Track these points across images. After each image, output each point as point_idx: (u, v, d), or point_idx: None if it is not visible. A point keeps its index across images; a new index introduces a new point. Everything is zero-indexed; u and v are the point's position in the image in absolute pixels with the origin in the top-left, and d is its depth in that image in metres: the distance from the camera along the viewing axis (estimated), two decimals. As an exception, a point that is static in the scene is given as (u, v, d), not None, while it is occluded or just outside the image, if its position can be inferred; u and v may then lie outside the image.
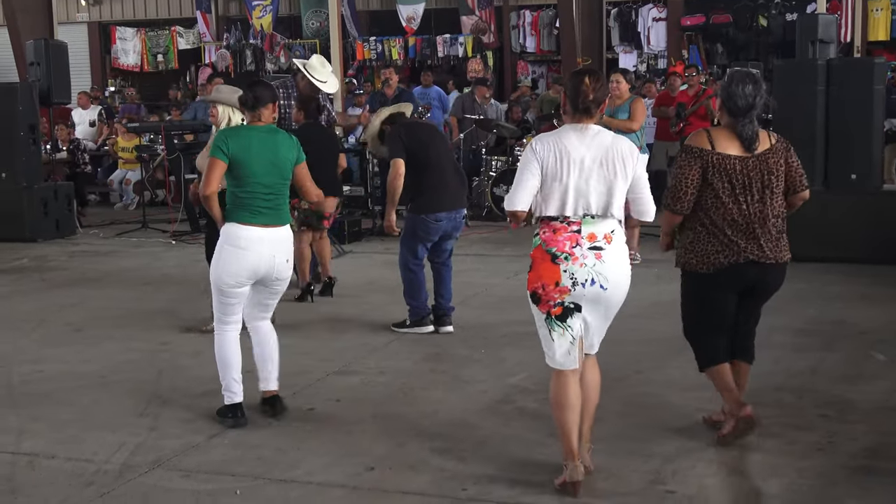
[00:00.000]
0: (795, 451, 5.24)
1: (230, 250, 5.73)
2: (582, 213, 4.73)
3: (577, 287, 4.70)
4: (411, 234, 7.85)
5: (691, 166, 5.12)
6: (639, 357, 6.94)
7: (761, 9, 20.58)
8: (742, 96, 5.14)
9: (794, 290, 8.93)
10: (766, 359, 6.90)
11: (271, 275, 5.81)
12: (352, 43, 22.05)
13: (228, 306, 5.86)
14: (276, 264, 5.78)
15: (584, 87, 4.76)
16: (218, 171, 5.71)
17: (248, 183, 5.72)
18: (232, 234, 5.74)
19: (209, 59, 23.65)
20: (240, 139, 5.77)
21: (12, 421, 6.01)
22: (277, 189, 5.82)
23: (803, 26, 11.37)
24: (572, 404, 4.81)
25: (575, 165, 4.71)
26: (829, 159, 10.56)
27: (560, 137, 4.79)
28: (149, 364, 7.15)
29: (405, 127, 7.97)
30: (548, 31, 21.89)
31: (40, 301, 9.48)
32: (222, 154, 5.69)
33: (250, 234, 5.71)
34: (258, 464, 5.25)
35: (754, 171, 5.14)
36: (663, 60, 21.09)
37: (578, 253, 4.70)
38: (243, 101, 5.99)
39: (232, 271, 5.73)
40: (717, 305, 5.29)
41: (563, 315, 4.77)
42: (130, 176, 16.82)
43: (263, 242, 5.72)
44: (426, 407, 6.10)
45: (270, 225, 5.76)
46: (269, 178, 5.77)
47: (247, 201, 5.73)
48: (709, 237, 5.18)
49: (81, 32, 24.45)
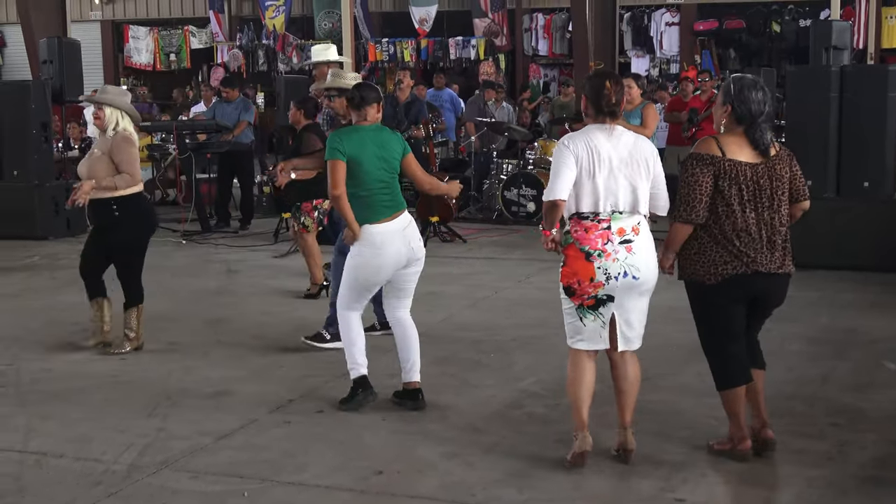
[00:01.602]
0: (806, 460, 5.21)
1: (372, 252, 5.97)
2: (611, 210, 4.97)
3: (611, 281, 4.98)
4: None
5: (704, 174, 5.03)
6: (651, 363, 6.87)
7: (775, 14, 20.57)
8: (756, 102, 5.08)
9: (806, 299, 8.93)
10: (778, 367, 6.87)
11: (413, 256, 6.09)
12: (364, 44, 22.07)
13: (362, 296, 6.17)
14: (413, 248, 6.06)
15: (607, 90, 5.00)
16: (341, 171, 5.92)
17: (364, 181, 5.94)
18: (368, 237, 5.96)
19: (221, 58, 23.70)
20: (352, 139, 5.99)
21: (21, 420, 6.01)
22: (390, 183, 6.08)
23: (817, 32, 11.34)
24: (587, 382, 5.11)
25: (605, 163, 4.97)
26: (842, 167, 10.52)
27: (590, 137, 5.03)
28: (158, 364, 7.15)
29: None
30: (560, 34, 21.90)
31: (51, 299, 9.49)
32: (340, 154, 5.90)
33: (383, 230, 5.96)
34: (266, 466, 5.24)
35: (764, 179, 5.10)
36: (676, 65, 21.09)
37: (610, 249, 4.96)
38: (350, 100, 6.17)
39: (378, 270, 6.02)
40: (727, 314, 5.19)
41: (596, 305, 5.04)
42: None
43: (396, 233, 5.99)
44: (435, 411, 6.08)
45: (395, 215, 6.02)
46: (382, 174, 6.02)
47: (370, 199, 5.97)
48: (716, 247, 5.08)
49: (94, 31, 24.53)
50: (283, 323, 8.39)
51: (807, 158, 10.36)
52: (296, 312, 8.78)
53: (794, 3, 20.41)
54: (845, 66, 10.77)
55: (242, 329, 8.23)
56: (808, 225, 9.95)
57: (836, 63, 10.78)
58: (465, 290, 9.53)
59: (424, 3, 22.03)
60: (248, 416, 6.00)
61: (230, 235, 13.30)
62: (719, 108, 5.21)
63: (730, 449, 5.24)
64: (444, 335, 7.85)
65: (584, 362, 5.14)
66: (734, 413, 5.22)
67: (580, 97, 5.35)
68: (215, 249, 12.34)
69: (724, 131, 5.18)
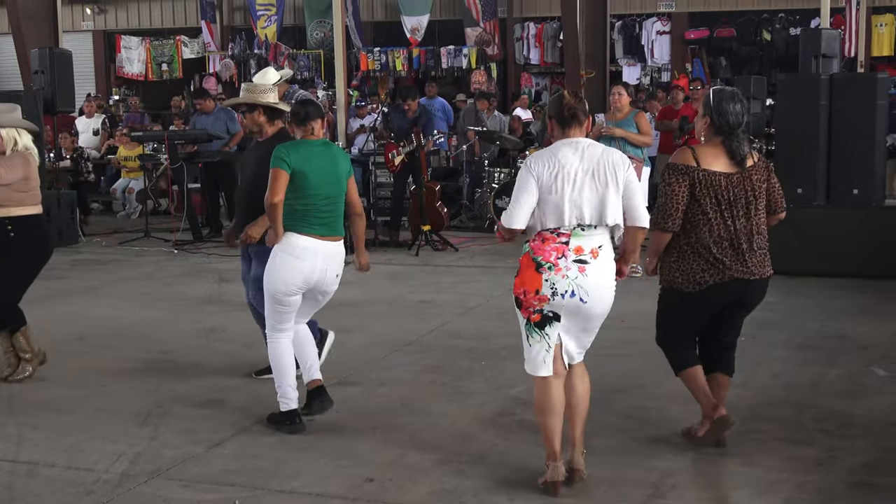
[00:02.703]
0: (795, 467, 5.23)
1: (285, 258, 5.88)
2: (575, 224, 4.83)
3: (557, 297, 4.82)
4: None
5: (680, 183, 5.18)
6: (640, 370, 6.93)
7: (765, 23, 20.64)
8: (734, 113, 5.23)
9: (796, 305, 8.98)
10: (766, 373, 6.92)
11: (321, 287, 6.00)
12: (356, 54, 22.11)
13: (282, 314, 5.99)
14: (326, 277, 5.97)
15: (566, 100, 4.93)
16: (283, 181, 5.84)
17: (306, 195, 5.88)
18: (289, 242, 5.88)
19: (213, 68, 23.72)
20: (300, 152, 5.94)
21: (12, 429, 6.01)
22: (335, 200, 6.02)
23: (806, 41, 11.40)
24: (555, 409, 4.94)
25: (569, 178, 4.84)
26: (832, 174, 10.57)
27: (554, 153, 4.93)
28: (149, 373, 7.16)
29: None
30: (552, 43, 21.95)
31: (42, 309, 9.46)
32: (286, 165, 5.84)
33: (306, 244, 5.87)
34: (258, 475, 5.24)
35: (739, 188, 5.22)
36: (667, 73, 21.14)
37: (562, 264, 4.82)
38: (295, 115, 6.15)
39: (286, 279, 5.88)
40: (695, 321, 5.42)
41: (542, 323, 4.89)
42: (133, 185, 16.84)
43: (318, 254, 5.90)
44: (426, 419, 6.10)
45: (327, 237, 5.94)
46: (328, 189, 5.96)
47: (305, 212, 5.89)
48: (694, 256, 5.24)
49: (86, 41, 24.55)
50: (275, 332, 8.39)
51: (797, 166, 10.49)
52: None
53: (785, 12, 20.49)
54: (835, 74, 10.83)
55: (234, 338, 8.23)
56: (798, 232, 10.12)
57: (826, 71, 10.84)
58: (456, 299, 9.55)
59: (416, 12, 22.07)
60: (239, 425, 6.00)
61: (222, 245, 13.29)
62: (699, 120, 5.38)
63: (711, 427, 5.34)
64: (435, 343, 7.88)
65: (546, 389, 4.96)
66: (699, 390, 5.38)
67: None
68: (207, 259, 12.35)
69: (704, 141, 5.32)
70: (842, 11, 18.31)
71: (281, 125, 6.69)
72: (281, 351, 6.02)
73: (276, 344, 6.04)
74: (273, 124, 6.62)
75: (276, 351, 6.03)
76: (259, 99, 6.55)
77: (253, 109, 6.58)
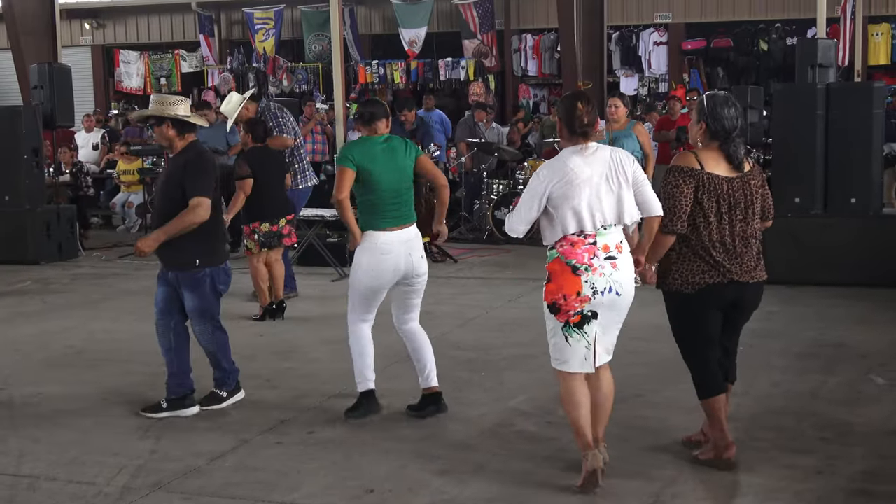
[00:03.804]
0: (794, 475, 5.24)
1: (371, 256, 6.15)
2: (599, 226, 5.01)
3: (597, 296, 5.00)
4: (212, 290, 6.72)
5: (686, 185, 5.22)
6: (640, 380, 6.94)
7: (762, 33, 20.67)
8: (728, 118, 5.29)
9: (794, 314, 8.99)
10: (766, 382, 6.93)
11: (411, 272, 6.23)
12: (354, 66, 22.14)
13: (367, 306, 6.30)
14: (413, 262, 6.21)
15: (579, 111, 5.05)
16: (348, 178, 6.12)
17: (374, 189, 6.14)
18: (370, 241, 6.14)
19: (212, 82, 23.75)
20: (363, 149, 6.20)
21: (13, 443, 6.02)
22: (401, 192, 6.24)
23: (803, 51, 11.43)
24: (583, 403, 5.12)
25: (584, 185, 5.00)
26: (829, 183, 10.59)
27: (565, 162, 5.07)
28: (150, 386, 7.15)
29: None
30: (549, 54, 21.98)
31: (42, 323, 9.50)
32: (350, 162, 6.12)
33: (386, 238, 6.13)
34: (259, 487, 5.26)
35: (739, 192, 5.28)
36: (664, 84, 21.17)
37: (597, 264, 4.99)
38: (360, 116, 6.35)
39: (376, 275, 6.16)
40: (703, 326, 5.39)
41: (581, 322, 5.04)
42: (133, 199, 16.87)
43: (400, 243, 6.15)
44: (426, 429, 6.11)
45: (402, 226, 6.20)
46: (393, 182, 6.19)
47: (376, 207, 6.15)
48: (694, 258, 5.28)
49: (85, 56, 24.57)
50: (276, 343, 8.42)
51: (794, 175, 10.52)
52: (288, 334, 8.81)
53: (781, 22, 20.51)
54: (831, 84, 10.86)
55: (235, 351, 8.17)
56: (796, 241, 10.15)
57: (822, 80, 10.87)
58: (456, 310, 9.56)
59: (414, 24, 22.10)
60: (240, 437, 6.02)
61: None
62: (694, 126, 5.42)
63: (714, 457, 5.31)
64: (435, 354, 7.84)
65: (573, 384, 5.13)
66: (716, 420, 5.34)
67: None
68: (207, 272, 12.34)
69: (701, 146, 5.36)
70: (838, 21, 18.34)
71: (192, 138, 6.53)
72: (361, 335, 6.31)
73: (359, 329, 6.32)
74: (183, 138, 6.45)
75: (356, 335, 6.31)
76: (167, 111, 6.39)
77: (161, 122, 6.42)
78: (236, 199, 9.20)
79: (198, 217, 6.26)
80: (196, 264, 6.41)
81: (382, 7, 22.77)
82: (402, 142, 6.42)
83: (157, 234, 6.30)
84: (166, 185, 6.49)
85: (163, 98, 6.53)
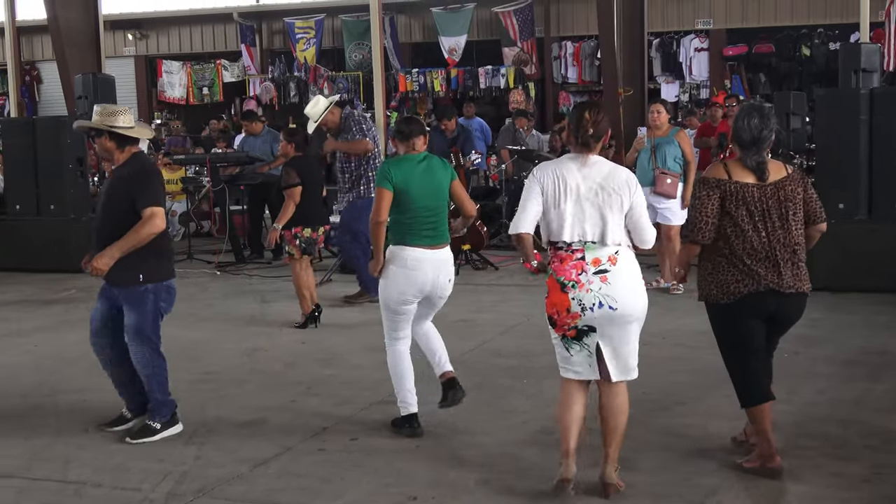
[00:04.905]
0: (841, 483, 5.19)
1: (398, 271, 6.12)
2: (579, 240, 4.97)
3: (587, 312, 4.95)
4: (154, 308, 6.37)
5: (710, 196, 5.26)
6: (683, 387, 6.92)
7: (804, 38, 20.51)
8: (746, 129, 5.32)
9: (839, 321, 8.91)
10: (811, 389, 6.87)
11: (436, 293, 6.25)
12: (394, 75, 22.19)
13: (398, 322, 6.24)
14: (439, 282, 6.21)
15: (584, 121, 5.03)
16: (387, 200, 6.11)
17: (410, 209, 6.11)
18: (399, 255, 6.13)
19: (254, 91, 23.90)
20: (402, 169, 6.18)
21: (59, 449, 6.09)
22: (437, 211, 6.24)
23: (846, 55, 11.32)
24: (574, 409, 5.09)
25: (571, 192, 4.98)
26: (874, 189, 10.51)
27: (559, 166, 5.08)
28: (194, 393, 7.21)
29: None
30: (589, 61, 21.93)
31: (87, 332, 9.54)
32: (388, 184, 6.10)
33: (416, 255, 6.12)
34: (302, 493, 5.28)
35: (772, 199, 5.26)
36: (706, 90, 21.05)
37: (584, 279, 4.95)
38: (398, 133, 6.37)
39: (402, 290, 6.13)
40: (745, 332, 5.35)
41: (579, 336, 5.03)
42: (176, 207, 16.98)
43: (428, 262, 6.14)
44: (468, 437, 6.11)
45: (434, 246, 6.18)
46: (430, 201, 6.20)
47: (411, 225, 6.14)
48: (728, 267, 5.27)
49: (128, 66, 24.80)
50: (317, 351, 8.45)
51: (838, 181, 10.42)
52: (329, 341, 8.84)
53: (824, 27, 20.35)
54: (875, 89, 10.76)
55: (277, 357, 8.29)
56: (841, 247, 10.04)
57: (866, 85, 10.76)
58: (497, 318, 9.56)
59: (454, 33, 22.13)
60: (283, 444, 6.04)
61: (264, 266, 13.41)
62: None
63: (760, 466, 5.27)
64: (477, 362, 7.88)
65: (571, 390, 5.12)
66: (761, 430, 5.31)
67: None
68: (249, 280, 12.44)
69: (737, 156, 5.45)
70: (882, 25, 18.17)
71: (135, 150, 6.25)
72: (399, 357, 6.26)
73: (394, 351, 6.27)
74: (123, 150, 6.17)
75: (394, 357, 6.26)
76: (104, 122, 6.13)
77: (100, 134, 6.16)
78: (286, 208, 9.24)
79: (154, 227, 5.98)
80: (140, 279, 6.10)
81: (422, 15, 22.82)
82: (441, 161, 6.42)
83: (111, 250, 5.96)
84: (108, 198, 6.21)
85: (103, 108, 6.22)
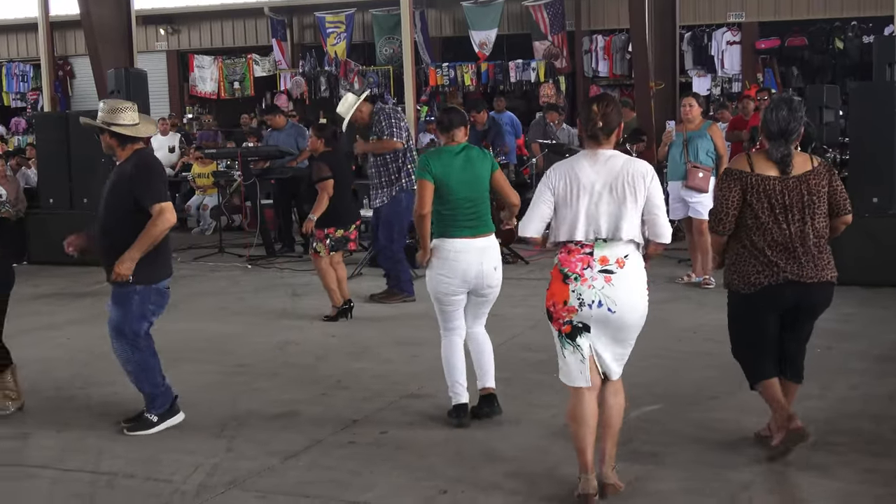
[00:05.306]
0: (874, 479, 5.16)
1: (441, 262, 6.15)
2: (593, 237, 4.88)
3: (584, 308, 4.85)
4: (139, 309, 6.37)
5: (731, 188, 5.32)
6: (714, 382, 6.88)
7: (837, 31, 20.33)
8: (774, 121, 5.33)
9: (872, 315, 8.84)
10: (844, 385, 6.82)
11: (482, 282, 6.19)
12: (425, 69, 22.19)
13: (448, 314, 6.28)
14: (484, 271, 6.17)
15: (593, 114, 4.95)
16: (429, 192, 6.14)
17: (450, 200, 6.14)
18: (441, 248, 6.16)
19: (284, 86, 23.95)
20: (441, 161, 6.20)
21: (92, 441, 6.13)
22: (478, 202, 6.22)
23: (880, 48, 11.24)
24: (587, 421, 4.95)
25: (585, 191, 4.91)
26: (908, 183, 10.41)
27: (573, 165, 5.02)
28: (225, 386, 7.25)
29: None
30: (620, 55, 21.83)
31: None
32: (429, 175, 6.13)
33: (458, 246, 6.12)
34: (332, 486, 5.29)
35: (795, 192, 5.27)
36: (738, 84, 20.93)
37: (588, 274, 4.86)
38: (439, 123, 6.38)
39: (445, 280, 6.15)
40: (758, 325, 5.43)
41: (572, 334, 4.92)
42: (207, 201, 17.08)
43: (471, 251, 6.13)
44: (498, 430, 6.11)
45: (476, 235, 6.17)
46: (469, 192, 6.19)
47: (452, 217, 6.15)
48: (749, 257, 5.33)
49: (160, 61, 24.92)
50: (348, 345, 8.47)
51: (871, 175, 10.34)
52: (360, 334, 8.86)
53: (857, 20, 20.17)
54: (909, 82, 10.66)
55: (308, 351, 8.32)
56: (874, 241, 9.96)
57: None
58: (527, 312, 9.53)
59: (484, 27, 22.09)
60: (314, 437, 6.06)
61: (294, 259, 13.45)
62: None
63: (785, 437, 5.29)
64: (507, 356, 7.86)
65: (577, 397, 4.99)
66: (774, 401, 5.37)
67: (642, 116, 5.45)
68: (280, 274, 12.48)
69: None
70: (917, 18, 17.99)
71: (137, 147, 6.29)
72: (452, 349, 6.29)
73: (447, 342, 6.31)
74: (125, 147, 6.25)
75: (447, 349, 6.30)
76: (104, 121, 6.21)
77: (102, 130, 6.24)
78: (321, 200, 9.28)
79: (166, 223, 6.03)
80: (129, 279, 6.13)
81: (453, 10, 22.79)
82: (481, 152, 6.41)
83: (130, 253, 6.01)
84: (110, 195, 6.22)
85: (108, 104, 6.23)
